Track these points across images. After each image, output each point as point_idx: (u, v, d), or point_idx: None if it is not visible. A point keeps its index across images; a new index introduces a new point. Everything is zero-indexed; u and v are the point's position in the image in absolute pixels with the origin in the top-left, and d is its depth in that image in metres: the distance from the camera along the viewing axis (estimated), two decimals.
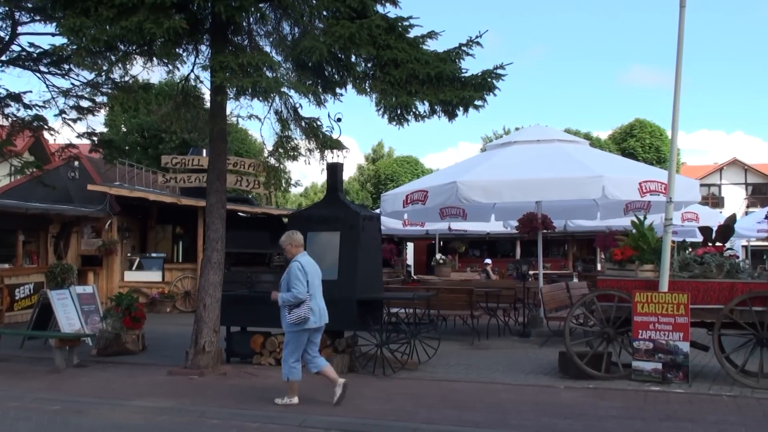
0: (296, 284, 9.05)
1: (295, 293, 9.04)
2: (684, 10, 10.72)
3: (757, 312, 10.03)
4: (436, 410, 8.87)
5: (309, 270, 9.22)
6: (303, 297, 9.05)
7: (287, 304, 9.12)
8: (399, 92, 11.00)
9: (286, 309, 9.16)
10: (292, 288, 9.07)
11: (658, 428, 7.98)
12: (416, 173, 52.32)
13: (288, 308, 9.14)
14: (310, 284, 9.16)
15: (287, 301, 9.10)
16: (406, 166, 56.63)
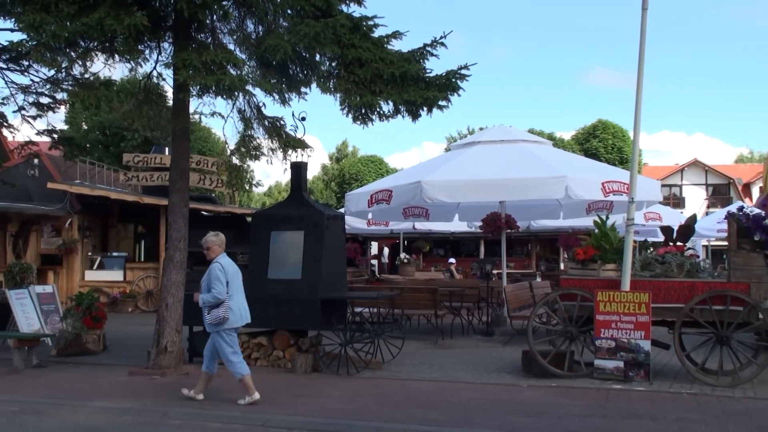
0: (216, 285, 9.12)
1: (215, 293, 9.11)
2: (646, 12, 10.82)
3: (716, 311, 10.15)
4: (399, 409, 8.87)
5: (229, 271, 9.31)
6: (222, 297, 9.12)
7: (207, 305, 9.17)
8: (363, 92, 11.00)
9: (206, 310, 9.20)
10: (213, 289, 9.14)
11: (619, 426, 8.05)
12: (381, 173, 52.40)
13: (207, 309, 9.18)
14: (231, 285, 9.25)
15: (207, 302, 9.17)
16: (370, 166, 56.70)
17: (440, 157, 19.32)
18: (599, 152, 53.46)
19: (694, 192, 65.08)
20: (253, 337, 11.84)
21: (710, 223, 28.38)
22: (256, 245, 12.09)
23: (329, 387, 10.23)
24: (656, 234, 21.84)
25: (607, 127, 56.74)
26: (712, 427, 7.95)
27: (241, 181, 12.63)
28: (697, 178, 66.01)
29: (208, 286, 9.24)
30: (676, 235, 11.70)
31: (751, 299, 10.07)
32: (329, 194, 61.25)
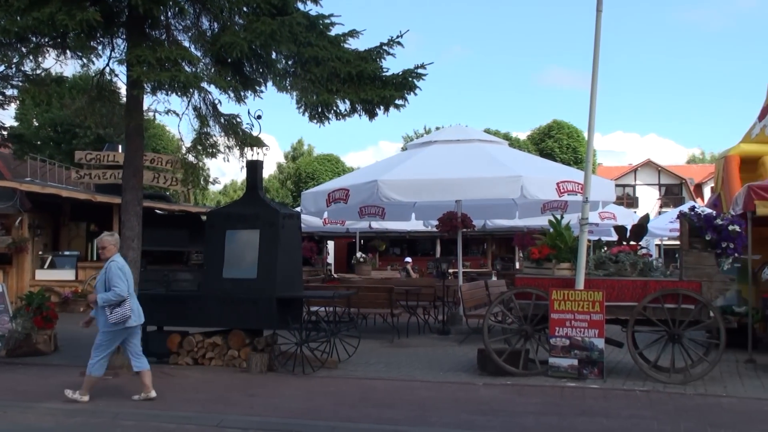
0: (117, 283, 9.08)
1: (117, 291, 9.07)
2: (600, 14, 10.93)
3: (668, 309, 10.29)
4: (355, 408, 8.85)
5: (126, 270, 9.32)
6: (124, 295, 9.12)
7: (108, 304, 9.12)
8: (320, 90, 10.96)
9: (107, 309, 9.14)
10: (113, 287, 9.09)
11: (573, 423, 8.12)
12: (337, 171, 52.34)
13: (109, 308, 9.12)
14: (128, 284, 9.22)
15: (109, 300, 9.11)
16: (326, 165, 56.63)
17: (397, 156, 19.35)
18: (554, 152, 53.98)
19: (647, 192, 65.99)
20: (208, 337, 11.74)
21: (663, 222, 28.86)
22: (211, 244, 11.99)
23: (285, 386, 10.18)
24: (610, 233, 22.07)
25: (562, 127, 57.31)
26: (664, 424, 8.05)
27: (197, 179, 12.50)
28: (650, 178, 66.94)
29: (105, 285, 9.17)
30: (630, 235, 11.84)
31: (703, 298, 10.22)
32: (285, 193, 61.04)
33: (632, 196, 65.49)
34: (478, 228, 20.98)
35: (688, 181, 64.85)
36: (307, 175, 55.89)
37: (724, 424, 8.02)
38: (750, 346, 11.76)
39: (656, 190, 66.34)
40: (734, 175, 14.95)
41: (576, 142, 55.65)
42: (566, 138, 56.40)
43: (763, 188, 11.70)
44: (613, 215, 23.19)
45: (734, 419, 8.27)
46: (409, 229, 26.36)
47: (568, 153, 55.10)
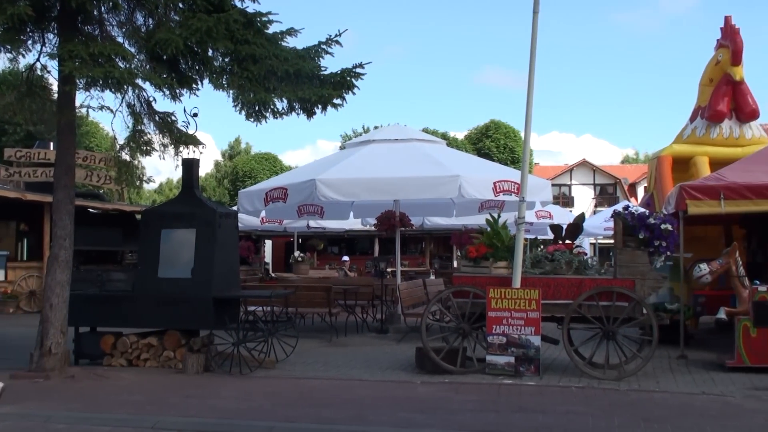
0: None
1: None
2: (537, 16, 11.04)
3: (603, 306, 10.45)
4: (293, 408, 8.80)
5: None
6: None
7: None
8: (257, 88, 10.85)
9: None
10: None
11: (510, 420, 8.19)
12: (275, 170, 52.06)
13: None
14: None
15: None
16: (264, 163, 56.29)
17: (335, 155, 19.30)
18: (492, 152, 54.45)
19: (582, 191, 67.00)
20: (143, 338, 11.56)
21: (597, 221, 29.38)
22: (146, 244, 11.81)
23: (221, 387, 10.07)
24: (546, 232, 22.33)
25: (499, 127, 57.85)
26: (598, 419, 8.17)
27: (131, 178, 12.27)
28: (586, 177, 67.97)
29: None
30: (565, 234, 11.99)
31: (636, 295, 10.41)
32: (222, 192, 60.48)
33: (568, 195, 66.43)
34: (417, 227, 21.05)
35: (623, 180, 66.03)
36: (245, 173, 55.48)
37: (656, 419, 8.18)
38: (682, 342, 12.01)
39: (591, 190, 67.40)
40: (667, 175, 15.27)
41: (513, 141, 56.24)
42: (503, 138, 56.96)
43: (695, 188, 11.95)
44: (549, 214, 23.48)
45: (666, 413, 8.43)
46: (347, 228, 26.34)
47: (506, 153, 55.65)
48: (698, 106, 15.98)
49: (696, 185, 12.13)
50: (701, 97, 15.93)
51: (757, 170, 12.26)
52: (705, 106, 15.56)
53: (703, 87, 15.98)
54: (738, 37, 14.97)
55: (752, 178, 11.94)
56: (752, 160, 13.01)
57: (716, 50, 15.80)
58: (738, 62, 15.10)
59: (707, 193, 11.79)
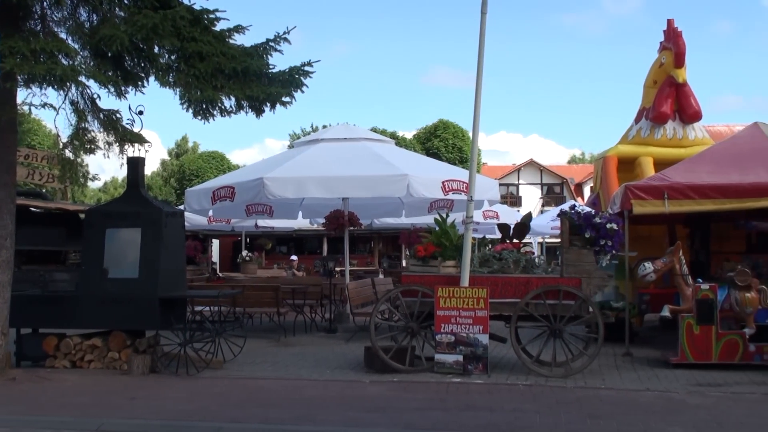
0: None
1: None
2: (485, 16, 11.11)
3: (550, 305, 10.56)
4: (241, 409, 8.73)
5: None
6: None
7: None
8: (204, 86, 10.73)
9: None
10: None
11: (458, 418, 8.22)
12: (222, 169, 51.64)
13: None
14: None
15: None
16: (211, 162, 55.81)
17: (283, 153, 19.22)
18: (440, 151, 54.69)
19: (529, 191, 67.68)
20: (87, 339, 11.36)
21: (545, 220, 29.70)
22: (90, 243, 11.62)
23: (168, 388, 9.95)
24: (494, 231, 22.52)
25: (447, 126, 58.11)
26: (545, 416, 8.25)
27: (75, 176, 12.04)
28: (533, 177, 68.68)
29: None
30: (513, 233, 12.08)
31: (582, 293, 10.53)
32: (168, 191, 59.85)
33: (515, 195, 67.04)
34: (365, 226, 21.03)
35: (569, 180, 66.84)
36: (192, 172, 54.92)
37: (602, 415, 8.28)
38: (627, 339, 12.19)
39: (538, 189, 68.12)
40: (612, 175, 15.46)
41: (462, 141, 56.54)
42: (452, 137, 57.23)
43: (639, 188, 12.13)
44: (496, 214, 23.65)
45: (612, 410, 8.55)
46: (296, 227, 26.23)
47: (454, 152, 55.93)
48: (643, 108, 16.21)
49: (641, 185, 12.31)
50: (645, 98, 16.16)
51: (699, 171, 12.48)
52: (649, 108, 15.79)
53: (647, 89, 16.21)
54: (680, 39, 15.21)
55: (695, 178, 12.16)
56: (695, 161, 13.25)
57: (660, 53, 16.04)
58: (681, 65, 15.35)
59: (651, 193, 11.98)
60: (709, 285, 11.13)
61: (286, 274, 23.34)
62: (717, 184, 11.91)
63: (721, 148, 13.76)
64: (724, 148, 13.76)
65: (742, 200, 11.81)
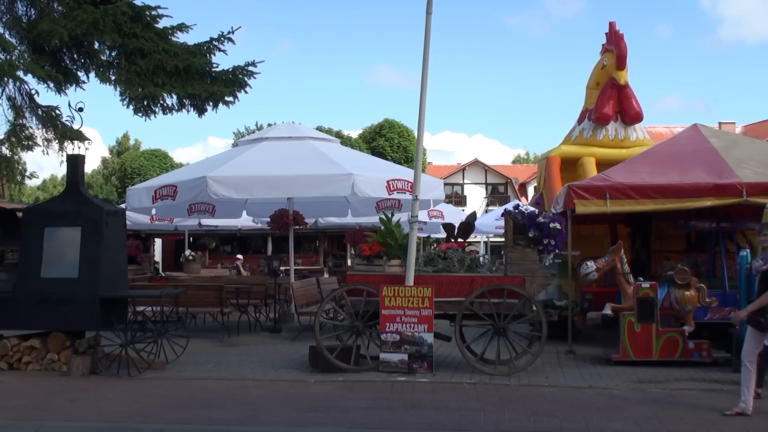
0: None
1: None
2: (430, 17, 11.14)
3: (494, 303, 10.63)
4: (184, 409, 8.61)
5: None
6: None
7: None
8: (145, 83, 10.63)
9: None
10: None
11: (403, 417, 8.23)
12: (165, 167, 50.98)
13: None
14: None
15: None
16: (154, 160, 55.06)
17: (227, 152, 19.03)
18: (385, 151, 54.72)
19: (474, 191, 68.10)
20: (25, 340, 11.11)
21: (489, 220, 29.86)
22: (28, 242, 11.36)
23: (109, 390, 9.78)
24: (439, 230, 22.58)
25: (393, 126, 58.16)
26: (490, 414, 8.30)
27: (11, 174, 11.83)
28: (478, 177, 69.12)
29: None
30: (458, 232, 12.13)
31: (526, 292, 10.62)
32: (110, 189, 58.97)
33: (460, 194, 67.40)
34: (311, 225, 20.96)
35: (513, 180, 67.43)
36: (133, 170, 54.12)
37: (545, 412, 8.36)
38: (570, 337, 12.34)
39: (483, 189, 68.57)
40: (555, 175, 15.62)
41: (407, 141, 56.64)
42: (397, 137, 57.30)
43: (582, 188, 12.28)
44: (441, 213, 23.72)
45: (555, 407, 8.63)
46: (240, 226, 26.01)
47: (399, 152, 56.01)
48: (585, 109, 16.41)
49: (583, 185, 12.46)
50: (588, 99, 16.36)
51: (641, 171, 12.69)
52: (592, 109, 15.99)
53: (589, 90, 16.42)
54: (622, 42, 15.43)
55: (636, 178, 12.35)
56: (636, 162, 13.46)
57: (602, 54, 16.25)
58: (622, 67, 15.56)
59: (594, 193, 12.13)
60: (650, 283, 11.31)
61: (230, 274, 23.13)
62: (657, 185, 12.12)
63: (662, 149, 14.01)
64: (664, 149, 14.01)
65: (682, 200, 12.03)
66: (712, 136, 13.82)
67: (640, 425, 7.90)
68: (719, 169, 12.33)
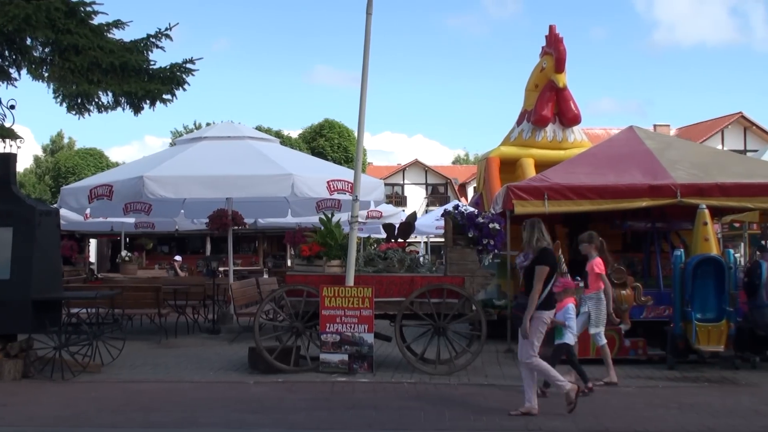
0: None
1: None
2: (371, 17, 11.13)
3: (434, 303, 10.66)
4: (120, 413, 8.46)
5: None
6: None
7: None
8: (79, 80, 10.42)
9: None
10: None
11: (343, 417, 8.20)
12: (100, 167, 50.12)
13: None
14: None
15: None
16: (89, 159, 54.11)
17: (165, 151, 18.76)
18: (326, 151, 54.66)
19: (414, 191, 68.40)
20: None
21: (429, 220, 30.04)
22: None
23: (42, 394, 9.55)
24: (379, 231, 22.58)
25: (333, 126, 58.12)
26: (430, 414, 8.32)
27: None
28: (418, 177, 69.43)
29: None
30: (398, 233, 12.14)
31: (466, 292, 10.67)
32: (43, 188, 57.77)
33: (401, 194, 67.62)
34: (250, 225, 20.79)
35: (453, 181, 67.90)
36: (68, 169, 53.09)
37: (485, 410, 8.42)
38: (509, 336, 12.42)
39: (423, 189, 68.90)
40: (495, 175, 15.74)
41: (347, 141, 56.64)
42: (337, 137, 57.28)
43: (521, 189, 12.40)
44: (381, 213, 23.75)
45: (495, 405, 8.69)
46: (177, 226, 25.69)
47: (340, 152, 55.99)
48: (524, 110, 16.57)
49: (522, 186, 12.58)
50: (527, 101, 16.53)
51: (578, 172, 12.86)
52: (531, 111, 16.15)
53: (528, 92, 16.58)
54: (561, 45, 15.62)
55: (574, 179, 12.52)
56: (574, 163, 13.65)
57: (541, 57, 16.43)
58: (561, 70, 15.76)
59: (532, 194, 12.26)
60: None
61: (168, 275, 22.84)
62: (594, 186, 12.30)
63: (599, 151, 14.23)
64: (601, 150, 14.23)
65: (618, 201, 12.24)
66: (648, 138, 14.07)
67: (578, 422, 8.00)
68: (654, 171, 12.56)
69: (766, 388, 9.84)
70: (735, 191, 12.13)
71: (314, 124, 59.69)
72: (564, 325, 9.31)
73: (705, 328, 10.80)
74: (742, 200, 12.26)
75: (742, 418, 8.23)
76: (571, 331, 9.39)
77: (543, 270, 8.25)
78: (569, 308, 9.37)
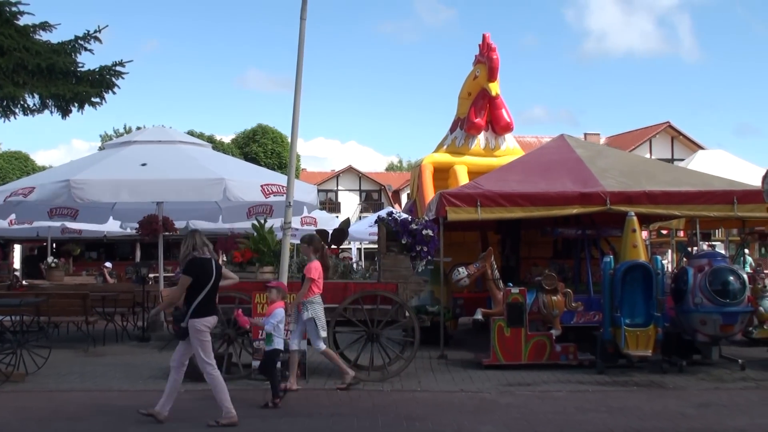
0: None
1: None
2: (305, 22, 11.09)
3: (367, 309, 10.64)
4: (45, 424, 8.26)
5: None
6: None
7: None
8: (4, 82, 10.14)
9: None
10: None
11: (276, 425, 8.14)
12: (26, 170, 48.89)
13: None
14: None
15: None
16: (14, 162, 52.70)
17: (93, 155, 18.38)
18: (259, 156, 54.23)
19: (348, 197, 68.34)
20: None
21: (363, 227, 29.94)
22: None
23: None
24: None
25: (266, 131, 57.71)
26: (363, 420, 8.31)
27: None
28: (352, 184, 69.42)
29: None
30: (331, 239, 12.11)
31: (399, 298, 10.68)
32: None
33: (334, 201, 67.48)
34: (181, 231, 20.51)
35: (387, 187, 68.08)
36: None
37: (418, 417, 8.44)
38: (442, 342, 12.49)
39: (357, 196, 68.91)
40: (428, 182, 15.84)
41: (280, 147, 56.28)
42: (271, 143, 56.88)
43: (454, 195, 12.47)
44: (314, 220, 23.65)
45: (427, 411, 8.73)
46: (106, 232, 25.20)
47: (273, 158, 55.62)
48: (458, 118, 16.71)
49: (455, 193, 12.66)
50: (460, 108, 16.67)
51: (510, 180, 13.00)
52: (464, 118, 16.30)
53: (462, 100, 16.73)
54: (494, 54, 15.80)
55: (506, 186, 12.64)
56: (506, 170, 13.79)
57: (474, 65, 16.60)
58: (494, 78, 15.94)
59: (465, 201, 12.34)
60: (519, 289, 11.59)
61: (96, 281, 22.39)
62: (526, 193, 12.44)
63: (530, 159, 14.41)
64: (533, 158, 14.42)
65: (549, 208, 12.39)
66: (578, 147, 14.30)
67: (510, 427, 8.07)
68: (584, 179, 12.76)
69: (693, 392, 10.05)
70: (662, 199, 12.39)
71: (247, 130, 59.20)
72: (267, 330, 9.15)
73: (634, 333, 11.00)
74: (669, 208, 12.52)
75: (669, 421, 8.40)
76: (279, 336, 9.26)
77: (185, 279, 8.29)
78: (277, 313, 9.19)
